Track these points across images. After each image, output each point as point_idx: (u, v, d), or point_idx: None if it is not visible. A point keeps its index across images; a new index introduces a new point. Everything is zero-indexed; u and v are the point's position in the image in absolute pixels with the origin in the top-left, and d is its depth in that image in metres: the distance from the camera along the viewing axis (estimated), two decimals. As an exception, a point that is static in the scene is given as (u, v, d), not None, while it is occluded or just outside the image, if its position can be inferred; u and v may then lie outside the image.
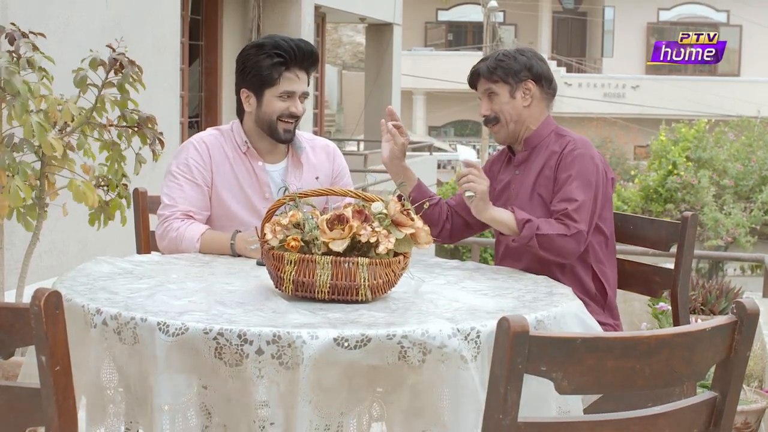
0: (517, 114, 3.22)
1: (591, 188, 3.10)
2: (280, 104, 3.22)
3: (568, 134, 3.25)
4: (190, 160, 3.25)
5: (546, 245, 3.03)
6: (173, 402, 2.14)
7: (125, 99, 4.14)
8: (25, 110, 3.80)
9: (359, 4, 14.91)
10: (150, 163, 4.34)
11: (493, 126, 3.26)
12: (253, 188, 3.25)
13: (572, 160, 3.14)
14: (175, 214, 3.19)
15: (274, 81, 3.20)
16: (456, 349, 2.12)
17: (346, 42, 29.52)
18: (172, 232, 3.16)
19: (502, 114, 3.23)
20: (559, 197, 3.11)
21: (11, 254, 5.33)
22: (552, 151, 3.19)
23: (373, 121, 17.37)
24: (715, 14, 32.32)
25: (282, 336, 2.07)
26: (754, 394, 4.18)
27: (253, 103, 3.26)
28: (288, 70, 3.20)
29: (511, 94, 3.22)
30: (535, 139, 3.24)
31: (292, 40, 3.22)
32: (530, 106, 3.23)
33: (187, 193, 3.21)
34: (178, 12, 7.77)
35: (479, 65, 3.28)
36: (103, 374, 2.26)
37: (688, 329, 1.82)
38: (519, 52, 3.25)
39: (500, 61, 3.22)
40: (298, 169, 3.31)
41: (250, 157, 3.28)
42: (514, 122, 3.23)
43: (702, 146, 19.97)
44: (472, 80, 3.31)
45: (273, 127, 3.24)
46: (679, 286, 3.23)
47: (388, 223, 2.44)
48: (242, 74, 3.26)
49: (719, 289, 5.81)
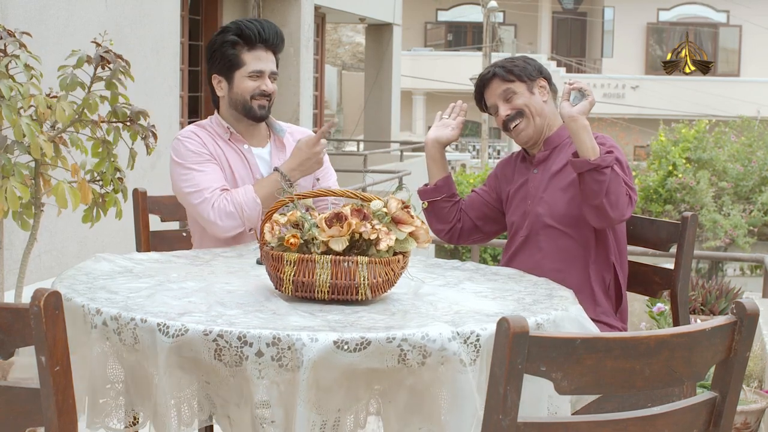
0: (540, 108, 3.25)
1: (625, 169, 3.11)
2: (250, 83, 3.29)
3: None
4: (191, 147, 3.29)
5: (613, 185, 2.99)
6: (179, 394, 2.15)
7: (115, 94, 4.13)
8: (14, 112, 3.80)
9: (359, 4, 14.91)
10: (149, 163, 4.35)
11: (517, 124, 3.25)
12: (245, 170, 3.34)
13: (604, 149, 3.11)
14: (215, 193, 3.20)
15: (242, 62, 3.28)
16: (456, 353, 2.12)
17: (345, 42, 29.52)
18: (228, 206, 3.17)
19: (526, 107, 3.23)
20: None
21: (10, 254, 5.33)
22: (574, 149, 3.16)
23: (372, 122, 17.38)
24: (714, 14, 32.33)
25: (282, 338, 2.07)
26: (754, 395, 4.18)
27: (225, 87, 3.33)
28: (253, 50, 3.28)
29: (529, 90, 3.24)
30: (556, 139, 3.26)
31: (256, 21, 3.30)
32: (548, 103, 3.27)
33: (209, 173, 3.26)
34: (177, 12, 7.77)
35: (490, 69, 3.28)
36: (108, 372, 2.27)
37: (688, 329, 1.82)
38: (524, 58, 3.31)
39: (512, 62, 3.26)
40: (282, 152, 3.39)
41: (235, 141, 3.35)
42: (539, 116, 3.24)
43: (702, 147, 19.97)
44: (482, 86, 3.29)
45: (247, 107, 3.31)
46: (679, 287, 3.23)
47: (388, 220, 2.44)
48: (211, 61, 3.33)
49: (719, 290, 5.81)
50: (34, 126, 3.85)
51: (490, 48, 28.35)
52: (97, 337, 2.25)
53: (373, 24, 16.70)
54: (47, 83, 4.24)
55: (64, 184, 3.96)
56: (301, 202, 2.51)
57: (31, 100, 3.92)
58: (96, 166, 4.18)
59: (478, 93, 3.34)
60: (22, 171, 3.92)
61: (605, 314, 3.21)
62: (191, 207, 3.25)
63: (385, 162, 16.26)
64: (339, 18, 16.78)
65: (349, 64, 29.17)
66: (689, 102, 29.16)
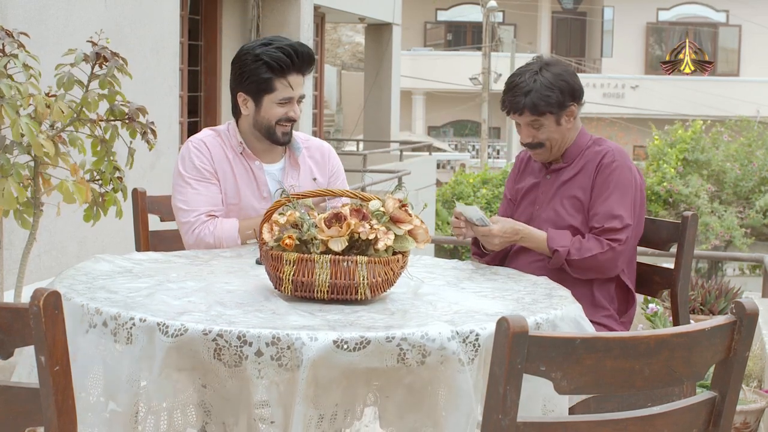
0: (561, 138, 3.24)
1: (629, 201, 3.15)
2: (278, 110, 3.23)
3: (604, 143, 3.27)
4: (195, 161, 3.25)
5: (579, 267, 3.11)
6: (173, 399, 2.14)
7: (113, 93, 4.12)
8: (14, 111, 3.80)
9: (358, 4, 14.91)
10: (149, 162, 4.34)
11: (536, 151, 3.26)
12: (251, 188, 3.27)
13: (611, 172, 3.17)
14: (200, 219, 3.20)
15: (273, 88, 3.21)
16: (455, 352, 2.12)
17: (345, 42, 29.52)
18: (207, 237, 3.18)
19: (548, 141, 3.23)
20: (598, 211, 3.15)
21: (10, 254, 5.33)
22: (589, 160, 3.23)
23: (372, 122, 17.37)
24: (714, 14, 32.32)
25: (281, 338, 2.07)
26: (754, 394, 4.18)
27: (251, 107, 3.26)
28: (286, 76, 3.20)
29: (557, 122, 3.21)
30: (575, 151, 3.26)
31: (290, 46, 3.21)
32: (572, 126, 3.26)
33: (202, 194, 3.22)
34: (177, 12, 7.77)
35: (521, 99, 3.18)
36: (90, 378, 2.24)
37: (688, 329, 1.82)
38: (557, 77, 3.19)
39: (546, 96, 3.16)
40: (295, 170, 3.33)
41: (246, 157, 3.30)
42: (558, 146, 3.25)
43: (699, 148, 19.95)
44: (513, 111, 3.22)
45: (271, 131, 3.26)
46: (679, 286, 3.23)
47: (386, 220, 2.44)
48: (239, 79, 3.25)
49: (718, 289, 5.81)
50: (34, 125, 3.85)
51: (489, 48, 28.35)
52: (95, 338, 2.24)
53: (372, 24, 16.70)
54: (47, 83, 4.24)
55: (68, 182, 3.97)
56: (300, 202, 2.51)
57: (30, 100, 3.92)
58: (95, 165, 4.18)
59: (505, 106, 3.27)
60: (21, 171, 3.92)
61: (607, 317, 3.20)
62: (176, 220, 3.29)
63: (385, 162, 16.25)
64: (338, 18, 16.78)
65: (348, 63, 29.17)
66: (689, 102, 29.16)
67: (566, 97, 3.20)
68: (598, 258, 3.10)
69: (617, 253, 3.12)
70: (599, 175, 3.18)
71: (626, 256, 3.18)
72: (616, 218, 3.12)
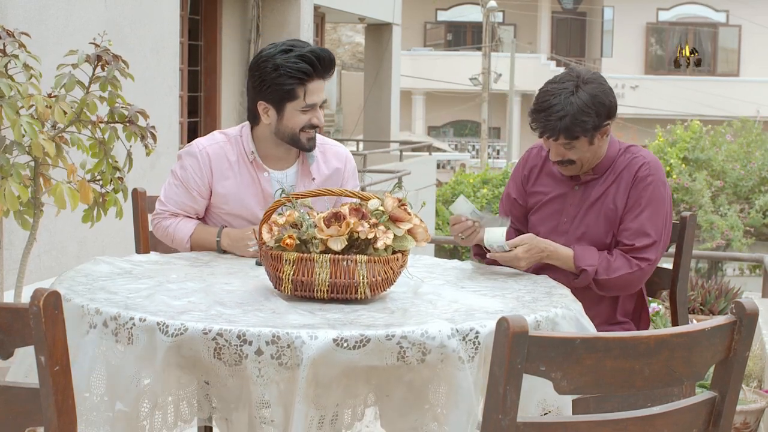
0: (593, 156, 3.10)
1: (661, 218, 3.06)
2: (302, 117, 3.14)
3: (638, 153, 3.14)
4: (188, 168, 3.22)
5: (606, 286, 3.04)
6: (178, 392, 2.15)
7: (113, 95, 4.12)
8: (14, 111, 3.80)
9: (358, 4, 14.91)
10: (149, 163, 4.34)
11: (565, 166, 3.12)
12: (256, 198, 3.21)
13: (645, 187, 3.07)
14: (164, 214, 3.27)
15: (296, 95, 3.12)
16: (455, 350, 2.12)
17: (345, 42, 29.52)
18: (161, 230, 3.27)
19: (579, 161, 3.09)
20: (629, 227, 3.06)
21: (10, 254, 5.33)
22: (623, 170, 3.11)
23: (372, 122, 17.37)
24: (714, 14, 32.32)
25: (281, 336, 2.08)
26: (754, 395, 4.18)
27: (273, 116, 3.16)
28: (308, 83, 3.12)
29: (590, 143, 3.05)
30: (606, 164, 3.13)
31: (311, 52, 3.11)
32: (604, 143, 3.12)
33: (180, 197, 3.24)
34: (177, 12, 7.77)
35: (556, 124, 2.99)
36: (93, 378, 2.25)
37: (687, 329, 1.82)
38: (594, 99, 2.99)
39: (582, 122, 2.98)
40: (307, 177, 3.27)
41: (256, 167, 3.23)
42: (589, 163, 3.12)
43: (699, 147, 19.97)
44: (546, 133, 3.03)
45: (295, 139, 3.18)
46: (678, 286, 3.23)
47: (386, 219, 2.44)
48: (259, 87, 3.15)
49: (718, 290, 5.82)
50: (36, 124, 3.85)
51: (489, 48, 28.35)
52: (95, 338, 2.24)
53: (372, 24, 16.70)
54: (47, 83, 4.24)
55: (63, 185, 3.96)
56: (299, 202, 2.51)
57: (30, 100, 3.92)
58: (95, 167, 4.18)
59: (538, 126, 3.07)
60: (21, 171, 3.92)
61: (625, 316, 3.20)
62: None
63: (385, 162, 16.26)
64: (338, 18, 16.78)
65: (348, 63, 29.17)
66: (689, 102, 29.16)
67: (602, 119, 3.03)
68: (626, 278, 3.01)
69: (645, 273, 3.04)
70: (633, 189, 3.07)
71: (651, 274, 3.10)
72: (646, 236, 3.03)
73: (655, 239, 3.05)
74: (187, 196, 3.22)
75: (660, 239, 3.06)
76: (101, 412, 2.21)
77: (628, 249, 3.05)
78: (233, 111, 11.00)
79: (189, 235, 3.20)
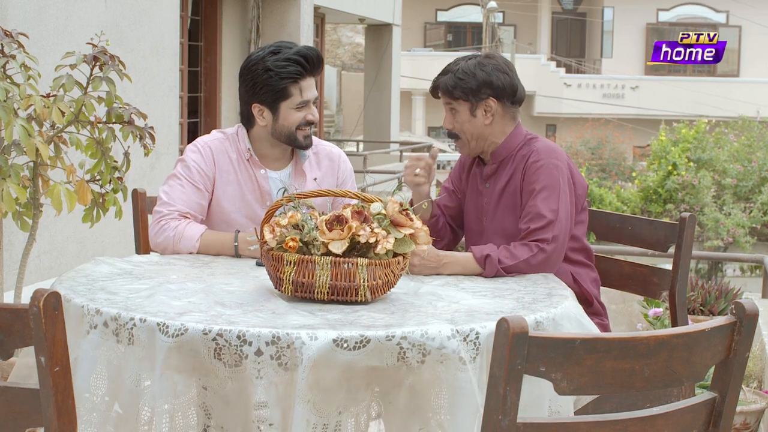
0: (478, 132, 3.16)
1: (556, 197, 3.05)
2: (297, 115, 3.21)
3: (533, 144, 3.17)
4: (192, 163, 3.23)
5: (516, 271, 2.98)
6: (174, 401, 2.14)
7: (110, 96, 4.12)
8: (10, 113, 3.80)
9: (359, 5, 14.92)
10: (149, 163, 4.34)
11: (455, 143, 3.23)
12: (254, 195, 3.25)
13: (535, 171, 3.09)
14: (173, 213, 3.18)
15: (288, 94, 3.19)
16: (455, 351, 2.12)
17: (345, 43, 29.53)
18: (169, 230, 3.15)
19: (462, 133, 3.17)
20: (525, 214, 3.07)
21: (10, 254, 5.33)
22: (519, 162, 3.15)
23: (372, 122, 17.38)
24: (714, 15, 32.34)
25: (281, 337, 2.08)
26: (754, 395, 4.18)
27: (269, 117, 3.23)
28: (299, 81, 3.19)
29: (471, 113, 3.14)
30: (503, 152, 3.18)
31: (298, 53, 3.19)
32: (492, 124, 3.16)
33: (187, 194, 3.21)
34: (177, 13, 7.77)
35: (440, 79, 3.18)
36: (93, 378, 2.25)
37: (687, 330, 1.82)
38: (479, 66, 3.14)
39: (459, 80, 3.13)
40: (301, 177, 3.31)
41: (252, 164, 3.27)
42: (476, 140, 3.17)
43: (702, 147, 19.98)
44: (433, 92, 3.23)
45: (293, 137, 3.23)
46: (678, 287, 3.23)
47: (387, 223, 2.44)
48: (252, 90, 3.22)
49: (718, 290, 5.81)
50: (29, 127, 3.84)
51: (489, 48, 28.35)
52: (96, 339, 2.24)
53: (372, 24, 16.71)
54: (46, 84, 4.24)
55: (61, 186, 3.96)
56: (301, 202, 2.51)
57: (29, 101, 3.92)
58: (94, 167, 4.18)
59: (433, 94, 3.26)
60: (20, 172, 3.91)
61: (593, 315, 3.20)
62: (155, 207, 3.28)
63: (385, 162, 16.27)
64: (338, 18, 16.79)
65: (348, 64, 29.17)
66: (689, 102, 29.16)
67: (482, 87, 3.12)
68: (529, 262, 2.98)
69: (549, 254, 3.00)
70: (525, 177, 3.11)
71: (562, 251, 3.07)
72: (541, 217, 3.02)
73: (551, 219, 3.03)
74: (195, 192, 3.21)
75: (556, 218, 3.04)
76: (102, 413, 2.21)
77: (525, 233, 3.03)
78: (233, 111, 11.01)
79: (200, 233, 3.12)
